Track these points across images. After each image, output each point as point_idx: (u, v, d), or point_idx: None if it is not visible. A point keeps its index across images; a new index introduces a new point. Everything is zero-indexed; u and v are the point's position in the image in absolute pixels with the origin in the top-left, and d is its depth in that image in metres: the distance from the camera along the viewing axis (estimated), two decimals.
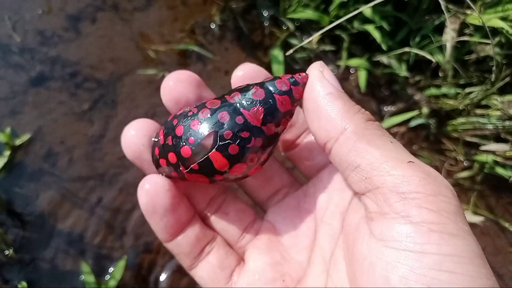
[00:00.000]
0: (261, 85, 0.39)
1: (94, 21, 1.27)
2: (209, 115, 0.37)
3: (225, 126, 0.37)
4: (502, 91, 1.11)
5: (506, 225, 1.19)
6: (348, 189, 0.41)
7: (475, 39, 1.09)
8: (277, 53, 1.23)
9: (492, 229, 1.20)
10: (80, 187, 1.09)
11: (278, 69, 1.21)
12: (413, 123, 1.21)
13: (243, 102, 0.38)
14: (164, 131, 0.40)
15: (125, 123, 0.44)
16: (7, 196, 1.06)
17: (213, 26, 1.30)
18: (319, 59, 1.27)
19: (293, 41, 1.28)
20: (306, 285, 0.41)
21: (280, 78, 0.39)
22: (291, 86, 0.39)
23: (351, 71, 1.28)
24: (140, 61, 1.23)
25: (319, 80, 0.37)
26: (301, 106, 0.40)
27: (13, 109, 1.13)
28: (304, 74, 0.39)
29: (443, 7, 1.00)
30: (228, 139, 0.37)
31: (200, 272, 0.43)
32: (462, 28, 1.11)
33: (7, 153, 1.07)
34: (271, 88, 0.39)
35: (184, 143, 0.38)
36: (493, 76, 1.03)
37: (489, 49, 1.09)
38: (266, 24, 1.31)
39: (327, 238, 0.41)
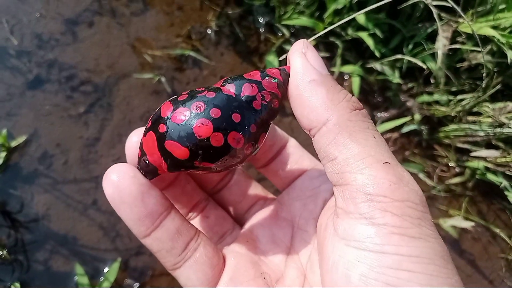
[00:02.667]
0: (251, 82, 0.37)
1: (91, 25, 1.28)
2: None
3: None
4: (493, 99, 1.13)
5: (497, 231, 1.20)
6: (320, 195, 0.42)
7: (467, 47, 1.10)
8: (272, 59, 1.24)
9: (483, 235, 1.21)
10: (75, 189, 1.09)
11: None
12: (406, 129, 1.22)
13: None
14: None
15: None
16: (2, 198, 1.07)
17: (209, 31, 1.31)
18: None
19: (288, 47, 1.29)
20: (284, 285, 0.41)
21: (269, 75, 0.38)
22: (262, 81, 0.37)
23: (345, 77, 1.29)
24: (137, 65, 1.24)
25: (302, 65, 0.35)
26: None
27: (9, 111, 1.14)
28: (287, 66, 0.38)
29: (435, 16, 1.01)
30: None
31: (187, 271, 0.39)
32: (455, 36, 1.13)
33: (2, 154, 1.08)
34: (258, 87, 0.37)
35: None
36: (484, 83, 1.05)
37: (481, 57, 1.11)
38: (261, 30, 1.33)
39: (303, 244, 0.42)
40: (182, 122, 0.34)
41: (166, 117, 0.34)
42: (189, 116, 0.34)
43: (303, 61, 0.35)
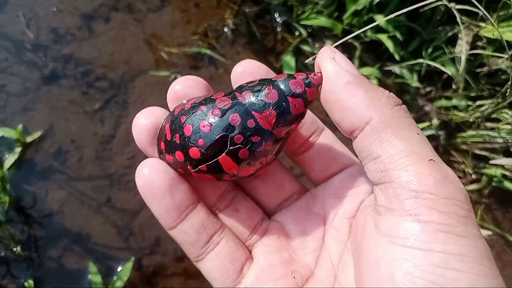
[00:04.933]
0: (274, 85, 0.37)
1: (107, 20, 1.27)
2: (219, 117, 0.36)
3: (236, 130, 0.36)
4: None
5: None
6: (359, 196, 0.41)
7: (489, 52, 1.09)
8: (289, 59, 1.23)
9: (498, 243, 1.20)
10: (89, 186, 1.09)
11: None
12: None
13: (255, 103, 0.37)
14: (171, 126, 0.39)
15: None
16: (16, 193, 1.07)
17: (226, 29, 1.30)
18: None
19: (305, 47, 1.28)
20: (314, 285, 0.40)
21: (294, 77, 0.38)
22: (306, 88, 0.38)
23: None
24: (152, 63, 1.23)
25: (334, 69, 0.35)
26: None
27: (25, 106, 1.14)
28: (319, 74, 0.37)
29: (458, 20, 1.00)
30: (239, 144, 0.36)
31: (209, 264, 0.40)
32: (475, 41, 1.11)
33: (17, 150, 1.08)
34: (284, 90, 0.37)
35: (192, 144, 0.37)
36: (508, 91, 1.03)
37: (502, 62, 1.09)
38: (278, 29, 1.31)
39: (335, 243, 0.41)
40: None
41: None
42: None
43: (334, 66, 0.35)
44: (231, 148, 0.36)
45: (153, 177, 0.39)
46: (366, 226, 0.35)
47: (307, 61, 0.50)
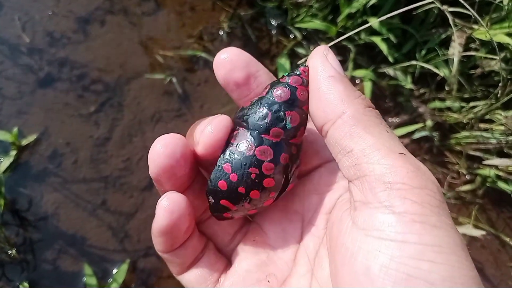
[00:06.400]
0: (287, 107, 0.38)
1: (103, 24, 1.28)
2: (273, 169, 0.37)
3: (291, 163, 0.39)
4: (506, 106, 1.12)
5: (507, 239, 1.19)
6: (337, 191, 0.41)
7: (481, 54, 1.10)
8: (284, 62, 1.24)
9: (493, 243, 1.20)
10: (84, 189, 1.09)
11: None
12: (417, 135, 1.21)
13: (290, 132, 0.38)
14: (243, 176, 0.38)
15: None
16: (12, 196, 1.07)
17: (221, 32, 1.30)
18: None
19: (300, 50, 1.28)
20: (291, 285, 0.40)
21: (296, 87, 0.38)
22: (307, 88, 0.39)
23: (357, 81, 1.29)
24: (148, 65, 1.23)
25: (322, 63, 0.37)
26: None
27: (20, 109, 1.14)
28: (306, 68, 0.39)
29: (451, 22, 1.00)
30: (295, 169, 0.40)
31: (189, 276, 0.42)
32: (468, 43, 1.12)
33: (13, 153, 1.08)
34: (296, 101, 0.38)
35: (265, 199, 0.39)
36: (499, 92, 1.04)
37: (495, 64, 1.10)
38: (273, 32, 1.32)
39: (312, 239, 0.41)
40: None
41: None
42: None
43: (323, 60, 0.37)
44: (288, 175, 0.39)
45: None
46: (342, 221, 0.35)
47: (299, 62, 0.50)
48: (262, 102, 0.38)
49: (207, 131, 0.38)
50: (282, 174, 0.38)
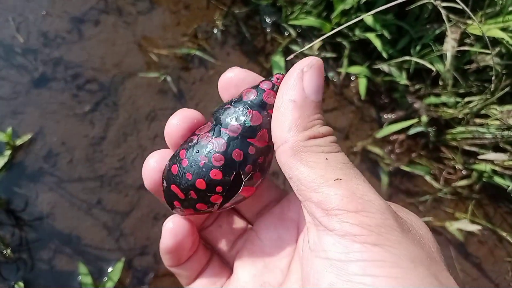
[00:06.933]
0: (251, 105, 0.39)
1: (97, 23, 1.27)
2: (224, 162, 0.37)
3: (243, 163, 0.38)
4: (501, 101, 1.12)
5: (504, 234, 1.19)
6: None
7: (476, 49, 1.09)
8: (278, 59, 1.23)
9: (490, 239, 1.20)
10: (79, 188, 1.09)
11: None
12: (412, 131, 1.21)
13: (247, 131, 0.38)
14: (177, 184, 0.39)
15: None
16: (7, 196, 1.07)
17: (215, 31, 1.30)
18: None
19: (295, 47, 1.28)
20: None
21: (264, 90, 0.39)
22: (273, 93, 0.39)
23: (352, 78, 1.29)
24: (142, 64, 1.23)
25: (293, 83, 0.36)
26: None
27: (15, 109, 1.14)
28: (281, 76, 0.39)
29: (444, 17, 1.00)
30: (251, 171, 0.38)
31: (196, 286, 0.45)
32: (463, 38, 1.12)
33: (7, 153, 1.08)
34: (262, 107, 0.39)
35: (212, 193, 0.38)
36: (492, 86, 1.04)
37: (489, 59, 1.10)
38: (268, 30, 1.32)
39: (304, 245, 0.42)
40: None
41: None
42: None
43: (296, 79, 0.36)
44: (246, 179, 0.38)
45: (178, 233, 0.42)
46: (304, 241, 0.36)
47: (288, 58, 0.50)
48: (232, 100, 0.40)
49: (172, 123, 0.40)
50: (232, 170, 0.37)
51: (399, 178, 1.23)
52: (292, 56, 0.48)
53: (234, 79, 0.41)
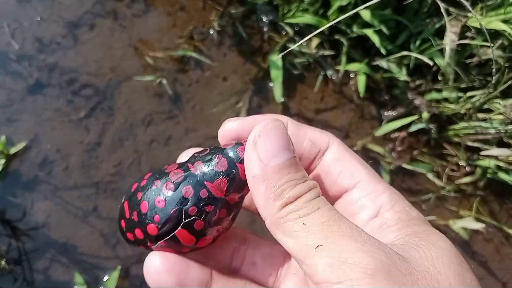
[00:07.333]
0: (224, 153, 0.38)
1: (92, 27, 1.26)
2: (173, 191, 0.38)
3: (190, 202, 0.37)
4: (504, 95, 1.09)
5: (510, 231, 1.16)
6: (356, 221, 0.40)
7: (477, 42, 1.07)
8: (276, 59, 1.22)
9: (495, 236, 1.18)
10: (75, 195, 1.08)
11: (277, 74, 1.20)
12: (414, 128, 1.19)
13: (207, 173, 0.38)
14: (129, 204, 0.40)
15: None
16: (1, 205, 1.06)
17: (211, 32, 1.29)
18: (318, 64, 1.27)
19: (292, 46, 1.26)
20: None
21: (241, 144, 0.38)
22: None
23: (351, 75, 1.26)
24: (138, 68, 1.22)
25: (248, 158, 0.35)
26: None
27: (9, 117, 1.13)
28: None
29: (443, 11, 0.98)
30: (194, 215, 0.37)
31: None
32: (464, 31, 1.09)
33: (1, 162, 1.07)
34: (233, 157, 0.38)
35: (149, 221, 0.38)
36: (494, 79, 1.01)
37: (491, 52, 1.07)
38: (265, 29, 1.30)
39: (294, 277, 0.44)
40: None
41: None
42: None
43: (250, 153, 0.35)
44: (186, 220, 0.37)
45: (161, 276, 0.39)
46: None
47: (282, 53, 0.48)
48: (224, 152, 0.39)
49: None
50: (175, 203, 0.37)
51: (401, 176, 1.21)
52: (286, 51, 0.47)
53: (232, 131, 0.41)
